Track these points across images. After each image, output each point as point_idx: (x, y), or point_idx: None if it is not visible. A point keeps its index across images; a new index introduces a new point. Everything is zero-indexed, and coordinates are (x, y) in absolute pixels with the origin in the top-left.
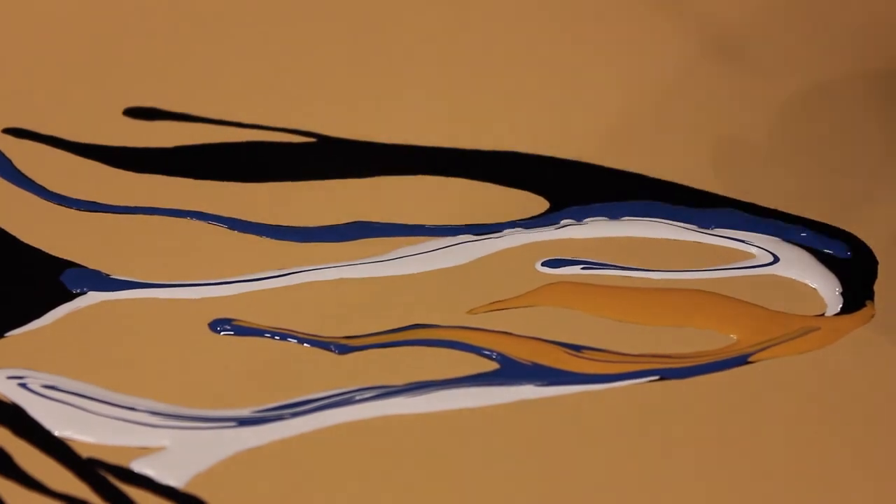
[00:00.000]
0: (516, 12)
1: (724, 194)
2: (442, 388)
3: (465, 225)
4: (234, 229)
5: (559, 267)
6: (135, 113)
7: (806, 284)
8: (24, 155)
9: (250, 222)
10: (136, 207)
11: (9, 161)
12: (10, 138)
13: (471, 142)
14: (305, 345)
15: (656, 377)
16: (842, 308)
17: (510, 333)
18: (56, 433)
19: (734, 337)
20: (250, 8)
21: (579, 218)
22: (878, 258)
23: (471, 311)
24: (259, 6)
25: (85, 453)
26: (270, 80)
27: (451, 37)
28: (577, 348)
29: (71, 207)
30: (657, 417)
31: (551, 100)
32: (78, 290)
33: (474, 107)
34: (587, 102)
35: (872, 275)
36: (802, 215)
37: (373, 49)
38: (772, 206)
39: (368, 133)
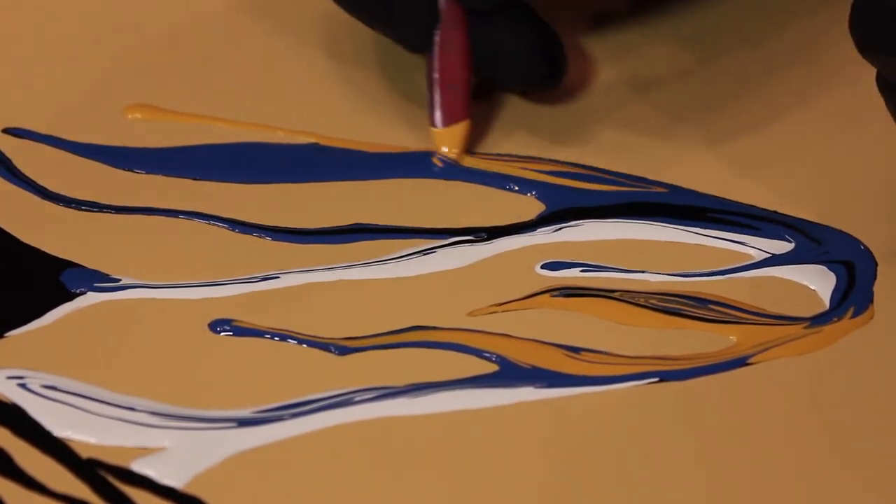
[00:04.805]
0: None
1: (723, 195)
2: (441, 390)
3: (465, 227)
4: (234, 229)
5: (558, 269)
6: (135, 113)
7: (806, 285)
8: (24, 155)
9: (250, 222)
10: (136, 207)
11: (9, 161)
12: (10, 138)
13: (470, 144)
14: (305, 345)
15: (656, 379)
16: (841, 310)
17: (509, 335)
18: (56, 433)
19: (733, 338)
20: (251, 8)
21: (578, 220)
22: (878, 258)
23: (471, 313)
24: (259, 6)
25: (85, 454)
26: (270, 81)
27: None
28: (576, 350)
29: (71, 207)
30: (657, 419)
31: (549, 101)
32: (78, 290)
33: (473, 107)
34: (585, 103)
35: (872, 276)
36: (803, 215)
37: (372, 49)
38: (772, 207)
39: (368, 134)
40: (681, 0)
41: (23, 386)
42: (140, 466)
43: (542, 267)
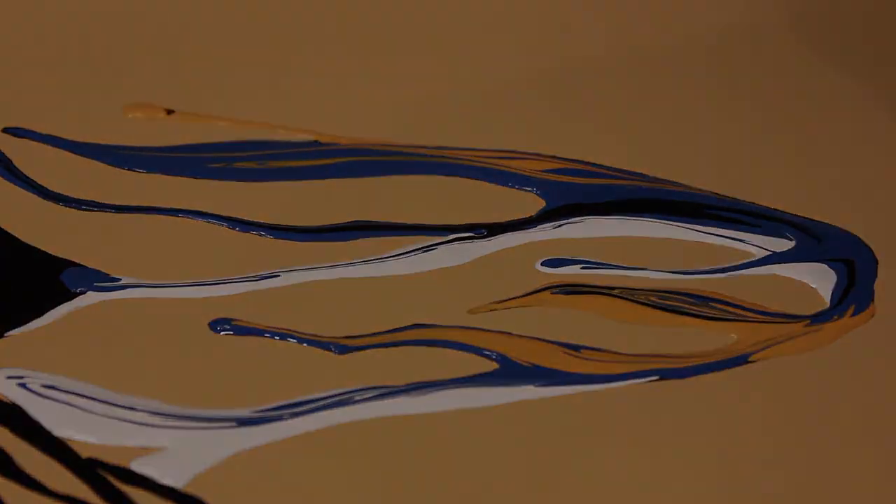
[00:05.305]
0: (512, 14)
1: (723, 193)
2: (441, 389)
3: (465, 224)
4: (234, 229)
5: (559, 266)
6: (135, 113)
7: (806, 284)
8: (24, 155)
9: (250, 222)
10: (136, 207)
11: (9, 161)
12: (10, 138)
13: (470, 141)
14: (305, 345)
15: (656, 377)
16: (842, 308)
17: (510, 333)
18: (56, 433)
19: (734, 336)
20: (251, 8)
21: (578, 217)
22: (879, 256)
23: (471, 311)
24: (260, 6)
25: (85, 453)
26: (271, 80)
27: (452, 37)
28: (576, 348)
29: (71, 207)
30: (657, 417)
31: (548, 99)
32: (78, 290)
33: (473, 106)
34: (584, 102)
35: (872, 275)
36: (804, 213)
37: (373, 49)
38: (772, 206)
39: (368, 133)
40: None
41: (23, 386)
42: (140, 466)
43: (543, 264)
